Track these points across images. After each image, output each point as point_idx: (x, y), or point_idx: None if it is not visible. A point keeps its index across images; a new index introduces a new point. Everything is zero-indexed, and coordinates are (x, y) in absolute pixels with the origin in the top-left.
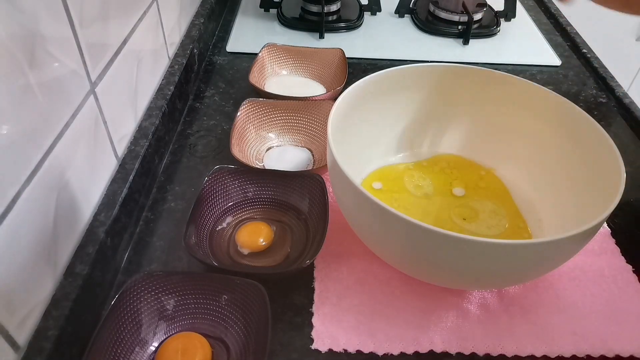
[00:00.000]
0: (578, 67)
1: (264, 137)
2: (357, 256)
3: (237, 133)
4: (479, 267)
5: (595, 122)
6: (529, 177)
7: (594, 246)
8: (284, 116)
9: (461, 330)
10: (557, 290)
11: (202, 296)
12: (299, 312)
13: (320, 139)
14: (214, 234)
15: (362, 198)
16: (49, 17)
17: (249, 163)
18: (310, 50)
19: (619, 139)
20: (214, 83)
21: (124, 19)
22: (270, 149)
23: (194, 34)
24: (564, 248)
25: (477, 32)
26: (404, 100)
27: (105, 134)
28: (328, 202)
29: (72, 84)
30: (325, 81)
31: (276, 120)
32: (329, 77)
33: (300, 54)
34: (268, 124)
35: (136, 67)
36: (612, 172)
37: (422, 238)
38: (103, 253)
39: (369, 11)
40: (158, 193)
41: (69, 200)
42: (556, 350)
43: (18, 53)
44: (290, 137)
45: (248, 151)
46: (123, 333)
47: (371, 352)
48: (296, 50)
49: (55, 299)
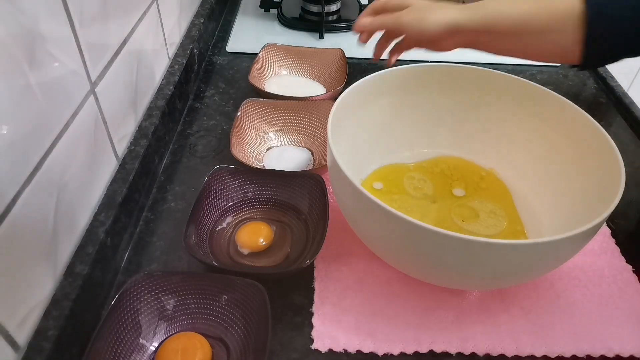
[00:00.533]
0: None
1: (264, 137)
2: (357, 256)
3: (237, 133)
4: (479, 267)
5: (595, 122)
6: (529, 177)
7: (594, 246)
8: (284, 116)
9: (461, 330)
10: (557, 290)
11: (202, 296)
12: (299, 312)
13: (320, 139)
14: (214, 234)
15: (362, 198)
16: (49, 17)
17: (249, 163)
18: (310, 50)
19: (619, 139)
20: (214, 83)
21: (124, 19)
22: (270, 149)
23: (194, 34)
24: (564, 248)
25: None
26: (403, 100)
27: (105, 134)
28: (328, 202)
29: (72, 84)
30: (325, 81)
31: (276, 120)
32: (329, 77)
33: (300, 54)
34: (268, 124)
35: (136, 67)
36: (612, 172)
37: (422, 238)
38: (103, 253)
39: None
40: (158, 193)
41: (69, 200)
42: (556, 350)
43: (18, 53)
44: (290, 137)
45: (248, 151)
46: (123, 333)
47: (371, 352)
48: (296, 50)
49: (55, 299)
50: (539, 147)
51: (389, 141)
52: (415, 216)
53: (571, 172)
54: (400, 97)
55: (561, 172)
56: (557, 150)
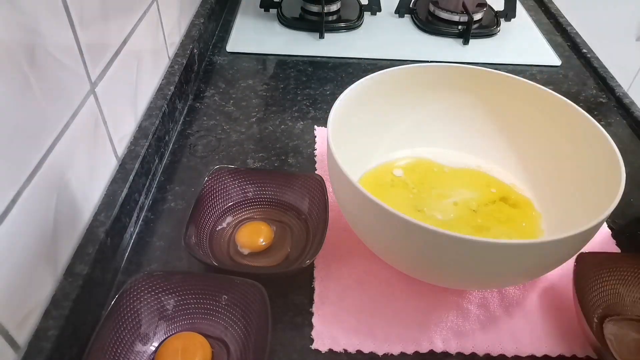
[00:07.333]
0: (578, 67)
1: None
2: (357, 256)
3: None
4: (479, 267)
5: (595, 122)
6: (529, 176)
7: (594, 247)
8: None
9: (461, 330)
10: (557, 290)
11: (202, 296)
12: (299, 312)
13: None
14: (214, 234)
15: (361, 198)
16: (49, 17)
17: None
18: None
19: (619, 139)
20: (214, 83)
21: (124, 19)
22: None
23: (194, 34)
24: (564, 248)
25: (477, 32)
26: (404, 100)
27: (105, 134)
28: (328, 202)
29: (72, 84)
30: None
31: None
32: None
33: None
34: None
35: (136, 67)
36: (612, 172)
37: (422, 238)
38: (103, 253)
39: (369, 11)
40: (158, 193)
41: (69, 200)
42: (556, 350)
43: (18, 53)
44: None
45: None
46: (123, 333)
47: (371, 352)
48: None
49: (55, 299)
50: (538, 147)
51: (389, 141)
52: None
53: (571, 172)
54: (400, 97)
55: (561, 172)
56: (557, 150)
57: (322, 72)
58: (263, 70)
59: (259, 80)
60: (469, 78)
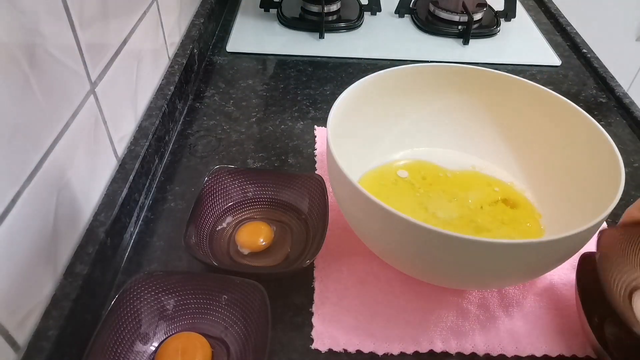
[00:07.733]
0: (578, 67)
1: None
2: (357, 256)
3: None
4: (479, 267)
5: (595, 122)
6: (529, 176)
7: (594, 246)
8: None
9: (461, 330)
10: (557, 290)
11: (202, 296)
12: (299, 312)
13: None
14: (214, 234)
15: (361, 198)
16: (49, 17)
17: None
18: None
19: (619, 139)
20: (214, 83)
21: (123, 19)
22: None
23: (194, 34)
24: (564, 248)
25: (477, 32)
26: (404, 101)
27: (105, 134)
28: (328, 202)
29: (72, 84)
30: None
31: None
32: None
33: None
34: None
35: (136, 67)
36: (612, 172)
37: (422, 238)
38: (103, 253)
39: (369, 11)
40: (158, 193)
41: (69, 200)
42: (556, 350)
43: (18, 53)
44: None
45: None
46: (123, 333)
47: (371, 352)
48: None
49: (55, 299)
50: (538, 146)
51: (389, 141)
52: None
53: (571, 172)
54: (400, 97)
55: (561, 172)
56: (557, 150)
57: (322, 72)
58: (263, 70)
59: (259, 80)
60: (469, 78)
